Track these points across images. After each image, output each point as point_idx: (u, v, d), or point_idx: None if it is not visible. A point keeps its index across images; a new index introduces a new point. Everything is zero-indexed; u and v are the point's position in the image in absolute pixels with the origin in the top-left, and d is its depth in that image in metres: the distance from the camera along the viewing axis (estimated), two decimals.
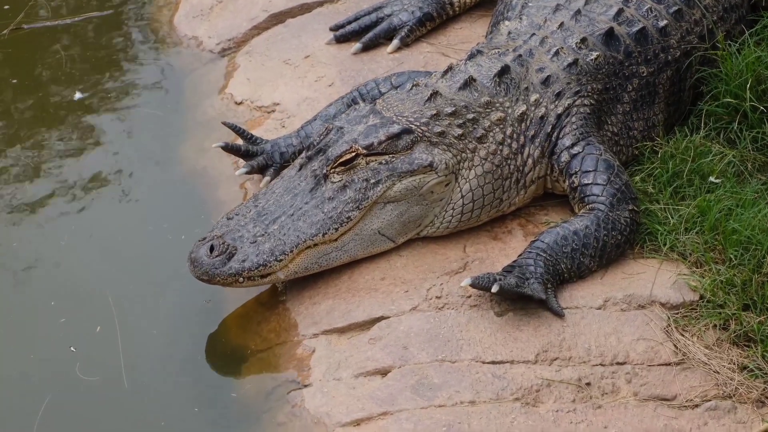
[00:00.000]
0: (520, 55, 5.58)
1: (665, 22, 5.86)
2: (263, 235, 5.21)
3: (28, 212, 6.22)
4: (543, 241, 5.22)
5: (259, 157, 5.95)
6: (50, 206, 6.26)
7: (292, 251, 5.19)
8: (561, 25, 5.72)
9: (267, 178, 5.93)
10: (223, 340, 5.37)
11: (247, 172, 5.96)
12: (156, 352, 5.36)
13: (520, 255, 5.23)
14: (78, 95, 7.07)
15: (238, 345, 5.31)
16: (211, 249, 5.17)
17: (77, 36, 7.59)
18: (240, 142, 6.05)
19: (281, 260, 5.19)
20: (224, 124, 6.06)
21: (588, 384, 4.91)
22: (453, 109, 5.38)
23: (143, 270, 5.77)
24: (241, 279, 5.17)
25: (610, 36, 5.72)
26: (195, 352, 5.32)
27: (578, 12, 5.77)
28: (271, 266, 5.17)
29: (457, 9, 6.91)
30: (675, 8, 5.91)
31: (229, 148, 5.94)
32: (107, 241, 5.97)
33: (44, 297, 5.63)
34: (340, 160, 5.27)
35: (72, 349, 5.34)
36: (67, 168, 6.52)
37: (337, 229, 5.24)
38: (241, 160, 6.03)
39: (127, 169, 6.49)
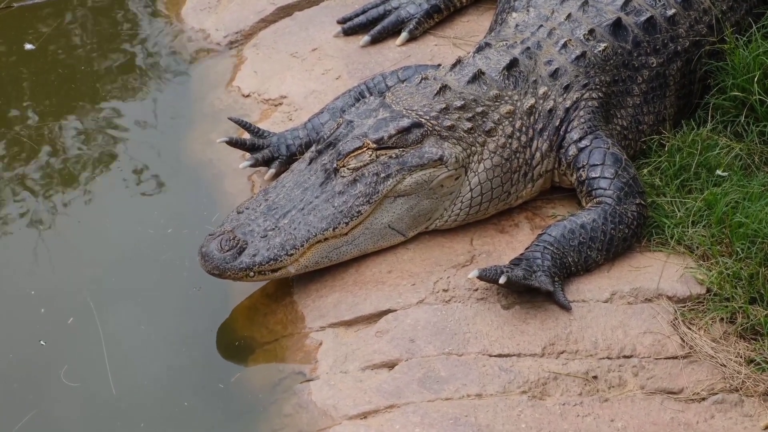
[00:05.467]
0: (528, 48, 5.58)
1: (673, 10, 5.84)
2: (274, 229, 5.21)
3: (27, 198, 6.23)
4: (550, 234, 5.22)
5: (264, 150, 5.94)
6: (52, 194, 6.26)
7: (302, 245, 5.19)
8: (568, 16, 5.71)
9: (272, 171, 5.92)
10: (230, 331, 5.37)
11: (252, 165, 5.95)
12: (162, 341, 5.37)
13: (527, 248, 5.23)
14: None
15: (245, 336, 5.32)
16: (222, 243, 5.17)
17: (85, 27, 7.59)
18: (246, 135, 6.05)
19: (292, 255, 5.18)
20: (230, 119, 6.06)
21: (595, 377, 4.92)
22: (462, 102, 5.38)
23: (147, 261, 5.76)
24: (251, 273, 5.17)
25: (617, 26, 5.71)
26: (201, 342, 5.32)
27: (585, 2, 5.76)
28: (281, 261, 5.17)
29: (464, 1, 6.91)
30: None
31: (233, 143, 5.93)
32: (110, 232, 5.97)
33: (42, 288, 5.65)
34: (351, 155, 5.27)
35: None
36: (71, 157, 6.52)
37: (347, 224, 5.24)
38: (247, 153, 6.03)
39: (133, 159, 6.48)
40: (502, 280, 4.96)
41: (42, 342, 5.35)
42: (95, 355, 5.27)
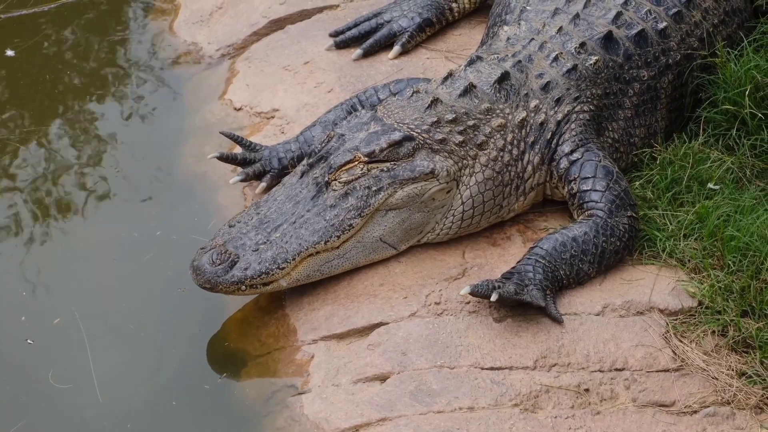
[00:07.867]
0: (520, 61, 5.59)
1: (665, 24, 5.87)
2: (265, 242, 5.21)
3: (22, 212, 6.23)
4: (542, 248, 5.23)
5: (255, 164, 5.94)
6: (43, 206, 6.26)
7: (294, 259, 5.19)
8: (560, 29, 5.73)
9: (263, 184, 5.92)
10: (223, 344, 5.36)
11: (243, 180, 5.94)
12: (154, 355, 5.36)
13: (519, 261, 5.24)
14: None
15: (238, 349, 5.32)
16: (213, 257, 5.17)
17: (78, 41, 7.60)
18: (238, 149, 6.05)
19: (283, 268, 5.18)
20: (221, 133, 6.07)
21: (587, 390, 4.92)
22: (453, 116, 5.38)
23: (141, 274, 5.76)
24: (243, 287, 5.17)
25: (608, 39, 5.73)
26: (194, 355, 5.32)
27: (577, 16, 5.78)
28: (273, 274, 5.17)
29: (456, 14, 6.93)
30: (675, 10, 5.92)
31: (225, 158, 5.94)
32: (104, 245, 5.96)
33: (31, 294, 5.66)
34: (343, 169, 5.28)
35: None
36: (65, 171, 6.52)
37: (339, 237, 5.24)
38: (239, 167, 6.03)
39: (126, 173, 6.49)
40: (493, 297, 4.96)
41: (29, 341, 5.35)
42: (81, 361, 5.29)
